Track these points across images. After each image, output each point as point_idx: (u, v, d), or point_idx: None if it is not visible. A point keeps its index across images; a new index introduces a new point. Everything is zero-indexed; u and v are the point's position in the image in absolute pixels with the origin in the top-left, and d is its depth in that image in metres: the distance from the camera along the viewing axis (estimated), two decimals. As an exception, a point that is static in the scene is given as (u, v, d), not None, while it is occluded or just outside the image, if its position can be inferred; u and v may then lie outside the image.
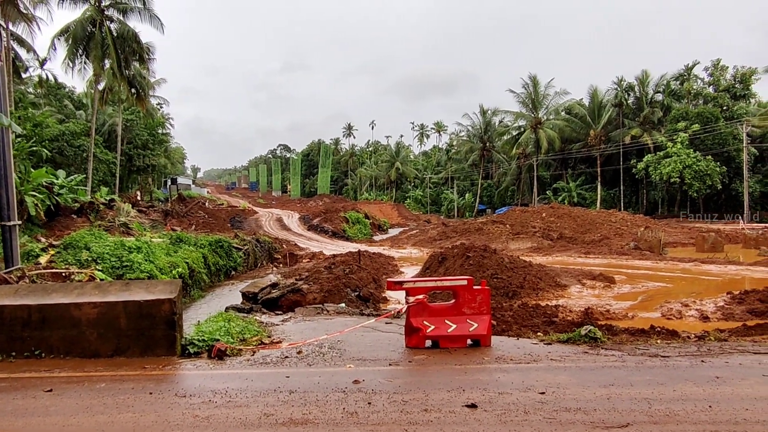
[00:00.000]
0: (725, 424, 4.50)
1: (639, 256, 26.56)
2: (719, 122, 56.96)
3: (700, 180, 54.25)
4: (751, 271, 20.99)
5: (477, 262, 18.19)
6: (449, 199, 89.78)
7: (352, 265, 20.63)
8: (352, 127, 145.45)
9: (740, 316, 12.56)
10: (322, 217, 52.89)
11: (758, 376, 5.92)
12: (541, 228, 38.12)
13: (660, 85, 64.90)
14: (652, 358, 6.85)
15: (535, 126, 68.88)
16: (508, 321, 11.51)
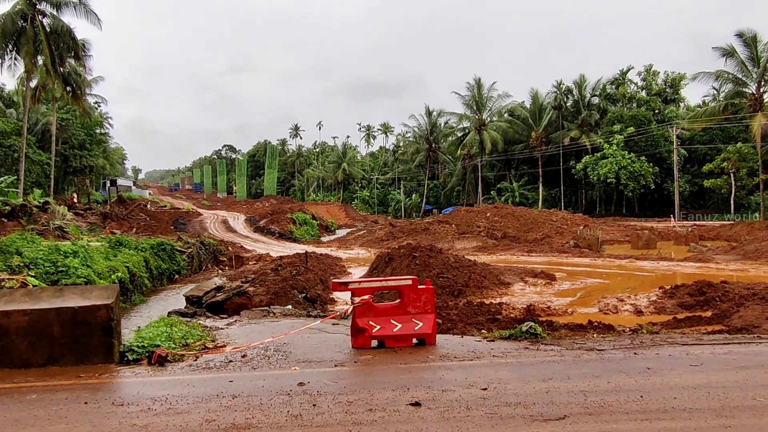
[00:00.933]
0: (655, 413, 4.71)
1: (578, 254, 27.47)
2: (652, 125, 59.68)
3: (635, 180, 56.69)
4: (682, 266, 22.04)
5: (423, 262, 18.35)
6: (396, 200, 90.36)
7: (299, 266, 20.43)
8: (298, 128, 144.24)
9: (671, 309, 13.15)
10: (269, 219, 52.20)
11: (686, 366, 6.23)
12: (486, 227, 38.89)
13: (596, 88, 67.43)
14: (588, 351, 7.09)
15: (480, 127, 70.21)
16: (453, 319, 11.64)
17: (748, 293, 12.82)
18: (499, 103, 71.71)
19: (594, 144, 61.14)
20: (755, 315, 10.78)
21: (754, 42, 44.33)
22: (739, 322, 10.33)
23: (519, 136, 71.41)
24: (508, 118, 72.56)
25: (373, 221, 68.36)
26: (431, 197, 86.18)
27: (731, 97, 48.46)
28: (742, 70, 45.77)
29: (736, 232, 33.42)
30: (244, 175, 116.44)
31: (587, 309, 13.92)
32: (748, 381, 5.62)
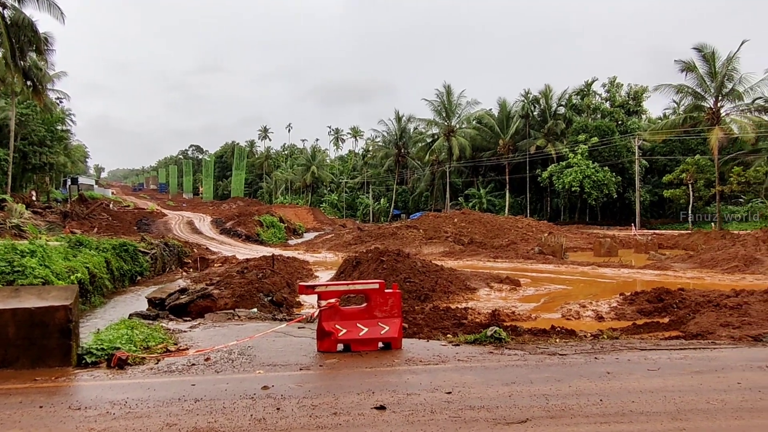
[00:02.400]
0: (613, 416, 4.81)
1: (543, 260, 27.90)
2: (615, 136, 61.14)
3: (598, 189, 57.95)
4: (641, 273, 22.61)
5: (391, 266, 18.39)
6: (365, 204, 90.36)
7: (265, 269, 20.24)
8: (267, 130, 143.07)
9: (631, 315, 13.48)
10: (236, 221, 51.57)
11: (644, 371, 6.38)
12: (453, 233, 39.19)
13: (562, 98, 68.78)
14: (551, 356, 7.21)
15: (448, 134, 70.80)
16: (419, 324, 11.70)
17: (704, 300, 13.22)
18: (467, 111, 72.54)
19: (559, 153, 62.31)
20: (710, 321, 11.14)
21: (713, 58, 45.89)
22: (694, 329, 10.65)
23: (487, 143, 72.28)
24: (477, 126, 73.38)
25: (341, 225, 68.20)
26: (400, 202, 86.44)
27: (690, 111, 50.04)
28: (701, 85, 47.32)
29: (693, 241, 34.45)
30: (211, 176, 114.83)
31: (550, 314, 14.15)
32: (702, 385, 5.79)
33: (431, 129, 76.34)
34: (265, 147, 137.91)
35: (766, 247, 22.55)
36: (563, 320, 13.06)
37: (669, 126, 52.63)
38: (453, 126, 71.67)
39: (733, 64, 45.23)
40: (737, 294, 13.48)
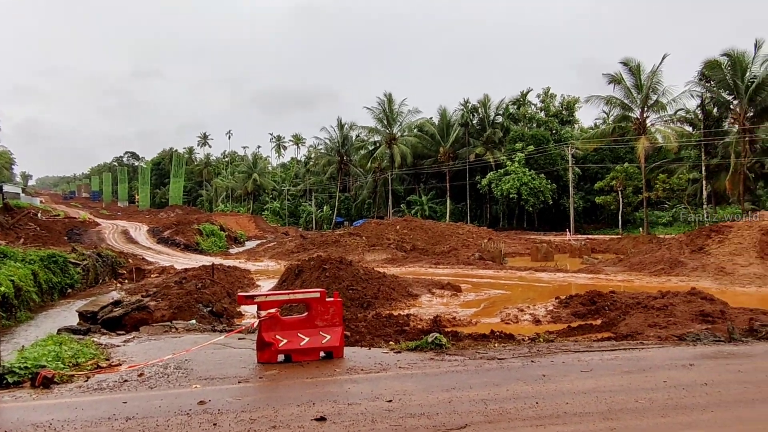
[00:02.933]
0: (549, 418, 4.93)
1: (483, 266, 28.45)
2: (549, 144, 63.23)
3: (535, 196, 59.70)
4: (576, 277, 23.41)
5: (333, 274, 18.29)
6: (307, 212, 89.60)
7: (205, 279, 19.71)
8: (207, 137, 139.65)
9: (566, 318, 13.91)
10: (174, 230, 50.03)
11: (577, 372, 6.58)
12: (396, 240, 39.39)
13: (500, 108, 70.52)
14: (489, 361, 7.33)
15: (390, 141, 71.29)
16: (361, 331, 11.66)
17: (633, 302, 13.81)
18: (409, 119, 73.25)
19: (498, 161, 63.83)
20: (639, 322, 11.64)
21: (638, 71, 48.31)
22: (625, 330, 11.09)
23: (428, 151, 73.19)
24: (418, 134, 74.18)
25: (283, 233, 67.36)
26: (342, 209, 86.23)
27: (619, 121, 52.45)
28: (628, 96, 49.71)
29: (623, 245, 36.01)
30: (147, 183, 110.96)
31: (490, 319, 14.42)
32: (631, 384, 6.02)
33: (373, 137, 76.66)
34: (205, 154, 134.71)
35: (689, 250, 23.80)
36: (502, 324, 13.32)
37: (599, 135, 55.02)
38: (395, 134, 72.23)
39: (656, 77, 47.77)
40: (663, 295, 14.15)
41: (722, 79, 43.86)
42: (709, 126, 49.04)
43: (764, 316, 11.19)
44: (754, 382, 6.07)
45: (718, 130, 49.00)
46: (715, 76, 44.29)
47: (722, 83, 44.29)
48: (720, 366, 6.93)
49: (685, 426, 4.77)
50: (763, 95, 41.77)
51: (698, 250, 23.43)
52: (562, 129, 69.17)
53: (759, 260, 21.02)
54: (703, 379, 6.18)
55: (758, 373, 6.48)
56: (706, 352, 7.79)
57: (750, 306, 13.47)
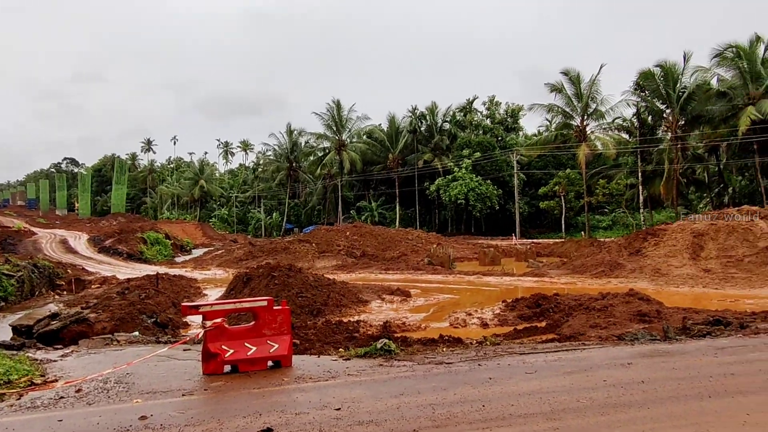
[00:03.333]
0: (494, 420, 5.00)
1: (432, 271, 28.72)
2: (495, 151, 64.62)
3: (482, 201, 60.81)
4: (522, 281, 23.94)
5: (282, 282, 18.06)
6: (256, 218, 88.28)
7: (149, 289, 19.10)
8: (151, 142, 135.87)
9: (512, 321, 14.20)
10: (116, 238, 48.28)
11: (522, 374, 6.71)
12: (346, 246, 39.31)
13: (447, 115, 71.64)
14: (438, 365, 7.38)
15: (339, 148, 71.21)
16: (311, 339, 11.55)
17: (576, 304, 14.23)
18: (358, 125, 73.42)
19: (445, 167, 64.71)
20: (581, 324, 11.99)
21: (578, 80, 50.15)
22: (568, 331, 11.41)
23: (377, 157, 73.49)
24: (367, 140, 74.41)
25: (232, 240, 66.10)
26: (292, 216, 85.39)
27: (561, 128, 54.27)
28: (569, 105, 51.48)
29: (567, 248, 37.10)
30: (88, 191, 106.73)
31: (439, 323, 14.56)
32: (573, 385, 6.19)
33: (323, 143, 76.41)
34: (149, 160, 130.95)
35: (627, 253, 24.75)
36: (451, 329, 13.47)
37: (542, 142, 56.77)
38: (344, 140, 72.20)
39: (595, 86, 49.75)
40: (604, 297, 14.64)
41: (656, 89, 45.97)
42: (644, 134, 51.28)
43: (696, 315, 11.75)
44: (686, 379, 6.35)
45: (652, 138, 51.30)
46: (649, 86, 46.37)
47: (656, 93, 46.42)
48: (656, 364, 7.21)
49: (623, 423, 4.93)
50: (692, 105, 44.02)
51: (636, 253, 24.38)
52: (507, 136, 70.81)
53: (691, 261, 22.06)
54: (640, 377, 6.42)
55: (690, 370, 6.78)
56: (643, 351, 8.10)
57: (684, 305, 14.12)
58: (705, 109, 43.48)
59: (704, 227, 23.45)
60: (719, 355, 7.67)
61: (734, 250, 21.73)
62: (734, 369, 6.77)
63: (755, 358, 7.40)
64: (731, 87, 42.59)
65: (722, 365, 7.00)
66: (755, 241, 21.75)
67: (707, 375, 6.48)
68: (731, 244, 22.06)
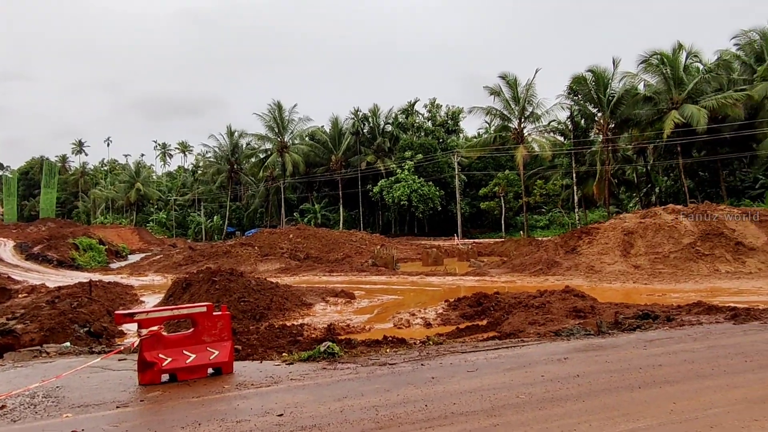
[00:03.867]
0: (437, 420, 5.05)
1: (376, 272, 28.79)
2: (437, 152, 65.56)
3: (424, 202, 61.53)
4: (464, 280, 24.34)
5: (224, 287, 17.65)
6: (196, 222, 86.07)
7: (81, 297, 18.23)
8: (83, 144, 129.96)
9: (455, 320, 14.39)
10: (45, 245, 45.91)
11: (464, 373, 6.82)
12: (289, 249, 38.86)
13: (389, 117, 72.13)
14: (381, 366, 7.39)
15: (282, 150, 70.42)
16: (253, 344, 11.33)
17: (515, 302, 14.57)
18: (300, 127, 72.85)
19: (388, 168, 65.11)
20: (520, 321, 12.30)
21: (515, 84, 51.62)
22: (508, 328, 11.68)
23: (320, 159, 73.13)
24: (310, 142, 73.92)
25: (170, 245, 64.15)
26: (234, 219, 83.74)
27: (499, 131, 55.65)
28: (506, 108, 52.87)
29: (507, 248, 38.02)
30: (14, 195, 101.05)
31: (383, 325, 14.58)
32: (513, 381, 6.34)
33: (264, 144, 75.36)
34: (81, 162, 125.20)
35: (563, 251, 25.59)
36: (395, 329, 13.52)
37: (482, 144, 58.09)
38: (286, 142, 71.45)
39: (531, 90, 51.35)
40: (541, 294, 15.06)
41: (588, 94, 47.93)
42: (577, 136, 53.38)
43: (627, 310, 12.27)
44: (618, 371, 6.62)
45: (585, 140, 53.43)
46: (582, 90, 48.28)
47: (588, 97, 48.41)
48: (590, 358, 7.48)
49: (560, 416, 5.08)
50: (621, 108, 46.13)
51: (571, 251, 25.25)
52: (449, 138, 71.97)
53: (622, 258, 23.05)
54: (576, 372, 6.64)
55: (622, 363, 7.08)
56: (578, 346, 8.39)
57: (616, 300, 14.72)
58: (633, 113, 45.66)
59: (634, 226, 24.55)
60: (648, 347, 8.03)
61: (661, 247, 22.85)
62: (661, 360, 7.11)
63: (680, 349, 7.80)
64: (656, 92, 44.92)
65: (651, 357, 7.34)
66: (680, 238, 22.95)
67: (637, 367, 6.77)
68: (658, 242, 23.19)
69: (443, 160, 64.58)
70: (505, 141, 54.96)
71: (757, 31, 45.54)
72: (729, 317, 10.44)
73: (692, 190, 46.65)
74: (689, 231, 23.15)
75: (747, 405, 5.26)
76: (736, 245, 21.85)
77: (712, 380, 6.13)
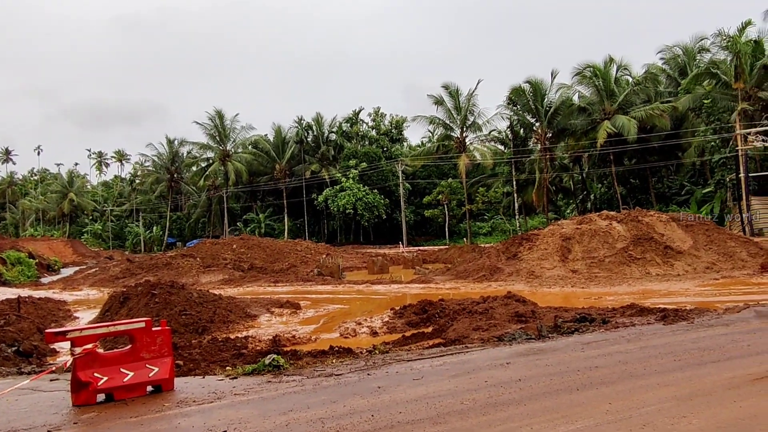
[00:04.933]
0: (383, 429, 5.06)
1: (322, 282, 28.60)
2: (381, 161, 65.96)
3: (370, 211, 61.70)
4: (410, 288, 24.51)
5: (164, 300, 17.09)
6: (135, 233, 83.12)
7: (9, 314, 17.23)
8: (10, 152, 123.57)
9: (401, 328, 14.44)
10: (-31, 260, 43.18)
11: (410, 381, 6.86)
12: (233, 259, 38.13)
13: (333, 126, 72.12)
14: (327, 377, 7.35)
15: (224, 158, 69.12)
16: (196, 359, 11.01)
17: (459, 308, 14.78)
18: (243, 135, 71.84)
19: (333, 177, 64.98)
20: (465, 327, 12.48)
21: (457, 94, 52.72)
22: (453, 335, 11.82)
23: (263, 167, 72.22)
24: (253, 150, 72.91)
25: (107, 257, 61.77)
26: (175, 230, 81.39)
27: (442, 140, 56.64)
28: (449, 117, 53.88)
29: (451, 255, 38.59)
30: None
31: (329, 334, 14.48)
32: (458, 387, 6.42)
33: (206, 153, 73.80)
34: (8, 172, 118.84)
35: (505, 257, 26.19)
36: (341, 339, 13.44)
37: (425, 153, 58.98)
38: (228, 150, 70.19)
39: (473, 99, 52.58)
40: (485, 300, 15.34)
41: (526, 104, 49.51)
42: (517, 145, 54.97)
43: (566, 313, 12.67)
44: (557, 374, 6.82)
45: (524, 149, 55.07)
46: (521, 100, 49.83)
47: (526, 107, 50.00)
48: (531, 362, 7.68)
49: (503, 421, 5.19)
50: (558, 119, 47.91)
51: (513, 257, 25.88)
52: (393, 147, 72.56)
53: (561, 263, 23.81)
54: (518, 376, 6.80)
55: (561, 366, 7.30)
56: (520, 350, 8.60)
57: (555, 304, 15.17)
58: (569, 123, 47.47)
59: (571, 231, 25.42)
60: (585, 349, 8.32)
61: (597, 252, 23.76)
62: (598, 362, 7.38)
63: (615, 351, 8.12)
64: (590, 103, 46.90)
65: (588, 359, 7.61)
66: (614, 243, 23.94)
67: (575, 369, 7.00)
68: (594, 247, 24.10)
69: (387, 169, 65.03)
70: (448, 150, 55.93)
71: (680, 46, 48.41)
72: (659, 318, 10.95)
73: (624, 197, 48.83)
74: (622, 236, 24.17)
75: (676, 402, 5.53)
76: (665, 249, 22.98)
77: (644, 380, 6.42)
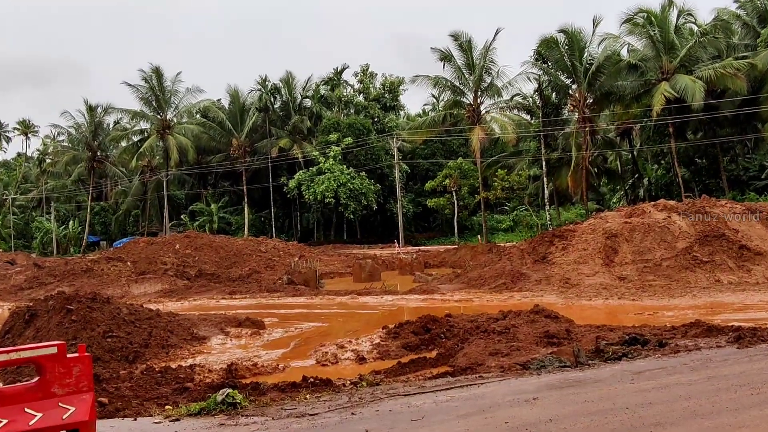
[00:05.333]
0: (372, 487, 5.05)
1: (293, 292, 28.67)
2: (371, 135, 65.82)
3: (356, 200, 61.60)
4: (407, 300, 24.59)
5: (84, 318, 17.10)
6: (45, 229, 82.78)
7: None
8: None
9: (395, 352, 14.51)
10: None
11: (407, 422, 6.86)
12: (175, 264, 38.16)
13: (308, 89, 71.87)
14: (299, 418, 7.34)
15: (163, 131, 68.72)
16: (125, 395, 10.99)
17: (472, 326, 14.85)
18: (188, 100, 71.40)
19: (308, 156, 64.78)
20: (479, 351, 12.53)
21: (470, 47, 52.52)
22: (463, 361, 11.87)
23: (216, 143, 72.04)
24: (202, 120, 72.68)
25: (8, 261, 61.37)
26: (98, 225, 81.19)
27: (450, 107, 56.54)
28: (459, 78, 53.72)
29: (461, 257, 38.74)
30: None
31: (303, 362, 14.53)
32: (469, 430, 6.43)
33: (139, 124, 73.50)
34: None
35: (531, 260, 26.31)
36: (318, 367, 13.49)
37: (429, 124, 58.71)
38: (169, 120, 69.87)
39: (490, 54, 52.36)
40: (505, 316, 15.43)
41: (560, 60, 49.41)
42: (547, 114, 54.75)
43: (611, 334, 12.75)
44: (600, 413, 6.84)
45: (557, 119, 55.00)
46: (553, 56, 49.77)
47: (560, 64, 49.89)
48: (565, 397, 7.70)
49: (529, 475, 5.20)
50: (601, 79, 47.79)
51: (542, 260, 25.99)
52: (386, 117, 72.50)
53: (605, 268, 23.94)
54: (548, 415, 6.81)
55: (605, 402, 7.32)
56: (551, 382, 8.63)
57: (597, 322, 15.26)
58: (615, 85, 47.53)
59: (618, 227, 25.54)
60: (636, 380, 8.36)
61: (651, 253, 23.89)
62: (652, 397, 7.41)
63: (674, 382, 8.16)
64: (643, 59, 46.95)
65: (639, 393, 7.64)
66: (673, 242, 24.07)
67: (623, 406, 7.02)
68: (648, 246, 24.23)
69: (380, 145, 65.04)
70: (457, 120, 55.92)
71: (762, -16, 48.44)
72: (732, 340, 11.02)
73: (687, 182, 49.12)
74: (685, 233, 24.32)
75: (754, 449, 5.55)
76: (740, 249, 23.14)
77: (712, 419, 6.44)
